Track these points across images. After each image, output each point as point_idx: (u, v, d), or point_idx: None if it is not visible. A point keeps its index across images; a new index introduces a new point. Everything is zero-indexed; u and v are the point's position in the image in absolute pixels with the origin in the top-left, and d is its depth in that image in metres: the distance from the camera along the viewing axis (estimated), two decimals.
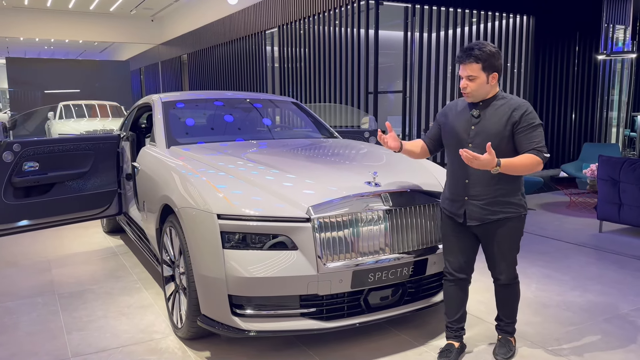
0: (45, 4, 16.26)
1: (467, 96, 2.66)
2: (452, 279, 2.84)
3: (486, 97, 2.65)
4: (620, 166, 5.28)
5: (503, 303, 2.88)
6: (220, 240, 2.66)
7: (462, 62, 2.61)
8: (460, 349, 2.88)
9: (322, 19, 9.12)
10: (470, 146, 2.62)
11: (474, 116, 2.66)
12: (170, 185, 3.19)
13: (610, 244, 5.16)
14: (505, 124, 2.58)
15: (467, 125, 2.67)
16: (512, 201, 2.66)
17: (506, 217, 2.65)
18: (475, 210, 2.66)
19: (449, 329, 2.90)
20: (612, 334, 3.17)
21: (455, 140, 2.71)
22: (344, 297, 2.80)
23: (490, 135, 2.58)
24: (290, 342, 3.06)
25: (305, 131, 4.76)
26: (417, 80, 8.43)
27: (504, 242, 2.70)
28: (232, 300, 2.68)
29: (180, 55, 17.13)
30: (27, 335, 3.22)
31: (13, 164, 4.07)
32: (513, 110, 2.59)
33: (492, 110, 2.63)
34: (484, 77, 2.59)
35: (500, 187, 2.62)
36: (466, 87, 2.62)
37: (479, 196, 2.64)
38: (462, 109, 2.74)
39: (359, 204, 2.79)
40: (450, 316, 2.88)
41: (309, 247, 2.66)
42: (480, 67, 2.57)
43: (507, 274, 2.78)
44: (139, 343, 3.09)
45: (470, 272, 2.86)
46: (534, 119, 2.58)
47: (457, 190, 2.71)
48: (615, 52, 10.47)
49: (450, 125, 2.75)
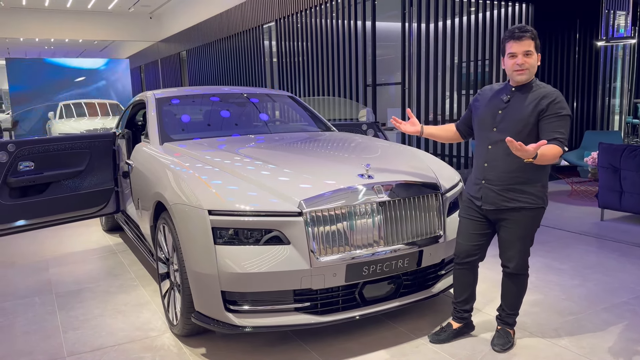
0: (43, 3, 16.23)
1: (523, 73, 2.61)
2: (458, 261, 2.88)
3: (526, 81, 2.64)
4: (620, 153, 5.22)
5: (508, 293, 2.86)
6: (212, 236, 2.64)
7: (519, 38, 2.58)
8: (458, 330, 2.92)
9: (319, 12, 9.06)
10: (495, 130, 2.65)
11: (503, 101, 2.68)
12: (162, 182, 3.17)
13: (611, 232, 5.11)
14: (531, 112, 2.58)
15: (495, 109, 2.70)
16: (529, 191, 2.63)
17: (522, 207, 2.64)
18: (490, 195, 2.69)
19: (455, 309, 2.98)
20: (611, 323, 3.14)
21: (482, 123, 2.75)
22: (339, 290, 2.78)
23: (514, 121, 2.60)
24: (286, 337, 3.04)
25: (301, 125, 4.73)
26: (415, 71, 8.36)
27: (517, 229, 2.69)
28: (225, 296, 2.66)
29: (179, 52, 17.09)
30: (23, 334, 3.21)
31: (8, 164, 4.05)
32: (542, 98, 2.58)
33: (523, 96, 2.63)
34: (536, 56, 2.61)
35: (517, 175, 2.61)
36: (524, 63, 2.59)
37: (494, 181, 2.67)
38: (495, 93, 2.77)
39: (352, 196, 2.75)
40: (456, 297, 2.95)
41: (301, 241, 2.63)
42: (534, 45, 2.59)
43: (516, 263, 2.76)
44: (135, 341, 3.08)
45: (478, 257, 2.87)
46: (563, 109, 2.55)
47: (478, 174, 2.76)
48: (615, 38, 10.36)
49: (481, 108, 2.79)
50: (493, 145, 2.66)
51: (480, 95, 2.85)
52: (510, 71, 2.65)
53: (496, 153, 2.65)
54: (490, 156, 2.67)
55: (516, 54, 2.60)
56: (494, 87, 2.82)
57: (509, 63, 2.63)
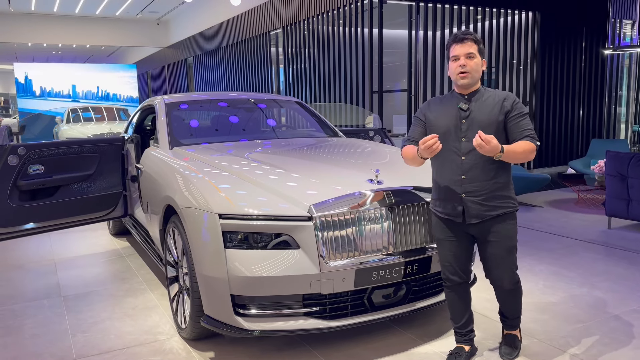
0: (52, 9, 16.38)
1: (465, 77, 2.54)
2: (450, 285, 2.76)
3: (473, 87, 2.60)
4: (628, 161, 5.21)
5: (507, 304, 2.80)
6: (222, 240, 2.65)
7: (461, 40, 2.54)
8: (470, 352, 2.81)
9: (326, 19, 9.10)
10: (464, 140, 2.56)
11: (462, 109, 2.58)
12: (172, 186, 3.19)
13: (619, 240, 5.10)
14: (498, 114, 2.54)
15: (457, 119, 2.59)
16: (507, 195, 2.61)
17: (505, 213, 2.58)
18: (474, 207, 2.56)
19: (458, 333, 2.84)
20: (620, 331, 3.13)
21: (445, 136, 2.58)
22: (347, 295, 2.78)
23: (484, 126, 2.52)
24: (294, 342, 3.05)
25: (309, 130, 4.75)
26: (422, 78, 8.38)
27: (504, 241, 2.60)
28: (234, 300, 2.67)
29: (186, 58, 17.20)
30: (32, 337, 3.23)
31: (18, 167, 4.09)
32: (504, 100, 2.57)
33: (480, 102, 2.58)
34: (479, 60, 2.57)
35: (496, 181, 2.56)
36: (465, 66, 2.53)
37: (476, 192, 2.55)
38: (447, 105, 2.65)
39: (361, 201, 2.76)
40: (457, 321, 2.81)
41: (311, 246, 2.64)
42: (477, 49, 2.55)
43: (509, 278, 2.65)
44: (143, 344, 3.09)
45: (469, 275, 2.79)
46: (523, 108, 2.58)
47: (453, 188, 2.59)
48: (623, 46, 10.37)
49: (436, 123, 2.63)
50: (466, 156, 2.55)
51: (430, 109, 2.70)
52: (454, 75, 2.58)
53: (472, 163, 2.54)
54: (466, 167, 2.55)
55: (458, 56, 2.55)
56: (439, 100, 2.71)
57: (453, 66, 2.58)
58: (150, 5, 16.35)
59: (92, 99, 18.61)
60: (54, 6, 16.12)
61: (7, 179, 4.04)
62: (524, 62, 9.25)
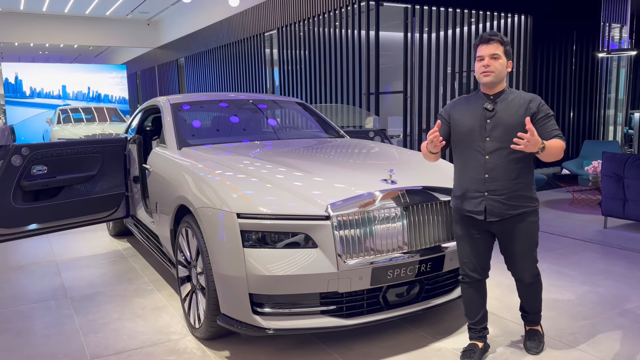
0: (41, 8, 16.21)
1: (489, 75, 2.60)
2: (468, 280, 2.82)
3: (498, 88, 2.66)
4: (624, 162, 5.32)
5: (529, 299, 2.88)
6: (241, 239, 2.67)
7: (486, 42, 2.60)
8: (483, 349, 2.86)
9: (322, 21, 9.14)
10: (488, 140, 2.62)
11: (488, 109, 2.64)
12: (186, 186, 3.19)
13: (616, 239, 5.20)
14: (523, 115, 2.58)
15: (482, 119, 2.65)
16: (529, 195, 2.67)
17: (525, 212, 2.65)
18: (495, 206, 2.63)
19: (472, 330, 2.89)
20: (626, 327, 3.20)
21: (470, 136, 2.67)
22: (363, 294, 2.81)
23: (509, 127, 2.58)
24: (308, 341, 3.07)
25: (315, 131, 4.78)
26: (417, 80, 8.46)
27: (525, 238, 2.68)
28: (252, 298, 2.69)
29: (177, 58, 17.11)
30: (43, 337, 3.21)
31: (22, 167, 4.06)
32: (529, 102, 2.63)
33: (506, 103, 2.64)
34: (504, 61, 2.62)
35: (518, 180, 2.62)
36: (489, 66, 2.59)
37: (498, 191, 2.62)
38: (473, 105, 2.71)
39: (377, 201, 2.80)
40: (472, 317, 2.87)
41: (328, 245, 2.67)
42: (503, 50, 2.61)
43: (530, 272, 2.76)
44: (157, 344, 3.09)
45: (487, 272, 2.85)
46: (549, 109, 2.65)
47: (476, 187, 2.65)
48: (615, 50, 10.56)
49: (461, 122, 2.71)
50: (490, 155, 2.62)
51: (454, 108, 2.77)
52: (478, 74, 2.65)
53: (495, 162, 2.60)
54: (490, 166, 2.61)
55: (483, 56, 2.62)
56: (465, 100, 2.78)
57: (477, 66, 2.65)
58: (141, 6, 16.24)
59: (82, 100, 18.43)
60: (44, 6, 15.95)
61: (11, 179, 4.01)
62: (516, 64, 9.36)
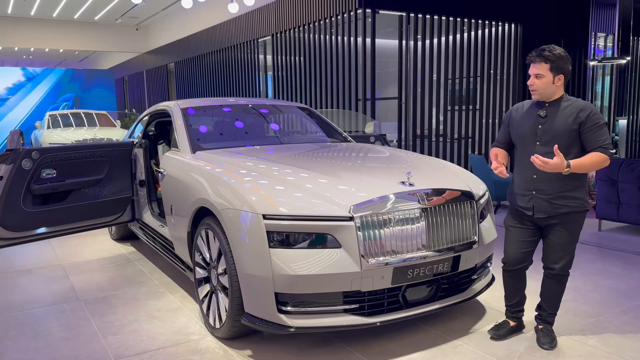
0: (29, 12, 16.07)
1: (534, 93, 2.87)
2: (508, 269, 3.08)
3: (552, 97, 2.86)
4: (618, 167, 5.50)
5: (550, 294, 3.05)
6: (267, 239, 2.73)
7: (533, 61, 2.83)
8: (514, 327, 3.13)
9: (317, 27, 9.25)
10: (538, 144, 2.85)
11: (540, 116, 2.88)
12: (208, 188, 3.24)
13: (611, 241, 5.37)
14: (572, 123, 2.78)
15: (534, 125, 2.89)
16: (576, 196, 2.85)
17: (572, 211, 2.85)
18: (542, 204, 2.87)
19: (508, 309, 3.20)
20: (631, 324, 3.33)
21: (523, 139, 2.94)
22: (384, 293, 2.90)
23: (558, 134, 2.79)
24: (329, 339, 3.14)
25: (323, 136, 4.85)
26: (412, 86, 8.60)
27: (567, 232, 2.90)
28: (278, 297, 2.75)
29: (167, 63, 17.07)
30: (63, 340, 3.23)
31: (32, 171, 4.07)
32: (579, 111, 2.80)
33: (558, 110, 2.84)
34: (550, 77, 2.80)
35: (566, 182, 2.82)
36: (532, 85, 2.84)
37: (545, 190, 2.86)
38: (528, 110, 2.97)
39: (397, 203, 2.89)
40: (508, 300, 3.18)
41: (352, 245, 2.75)
42: (548, 68, 2.79)
43: (564, 264, 2.96)
44: (178, 344, 3.13)
45: (527, 263, 3.06)
46: (600, 119, 2.80)
47: (526, 185, 2.92)
48: (608, 58, 10.86)
49: (517, 125, 2.98)
50: None
51: (514, 113, 3.05)
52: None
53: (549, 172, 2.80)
54: None
55: (530, 75, 2.88)
56: (525, 105, 3.04)
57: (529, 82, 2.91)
58: (130, 11, 16.19)
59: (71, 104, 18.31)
60: (32, 10, 15.82)
61: (21, 183, 4.01)
62: (506, 72, 9.58)
